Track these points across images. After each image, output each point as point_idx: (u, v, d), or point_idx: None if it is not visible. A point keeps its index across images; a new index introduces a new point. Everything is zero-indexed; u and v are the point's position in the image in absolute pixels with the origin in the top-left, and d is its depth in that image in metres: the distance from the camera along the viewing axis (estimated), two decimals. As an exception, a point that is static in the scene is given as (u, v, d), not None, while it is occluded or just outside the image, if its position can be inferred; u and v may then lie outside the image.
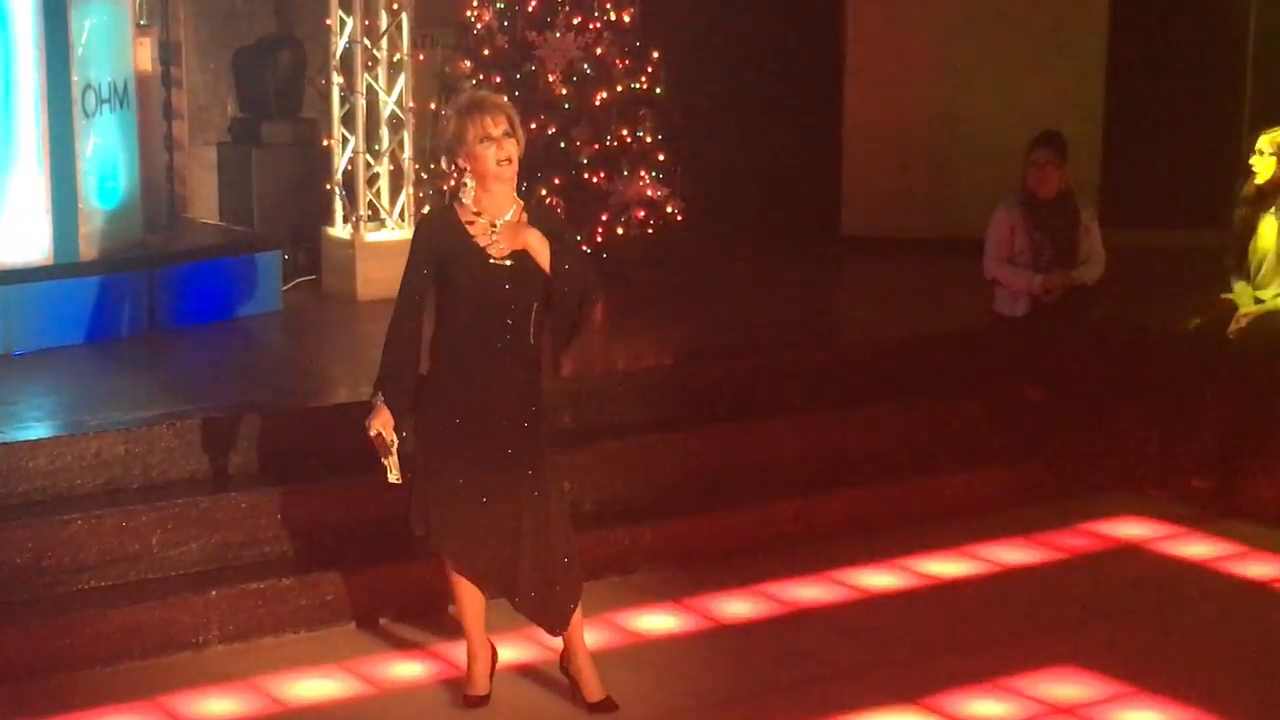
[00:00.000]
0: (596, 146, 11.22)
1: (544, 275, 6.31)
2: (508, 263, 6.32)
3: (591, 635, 6.77)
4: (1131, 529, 8.77)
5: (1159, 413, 9.36)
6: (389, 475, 6.38)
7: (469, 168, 6.33)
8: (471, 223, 6.34)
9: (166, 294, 10.00)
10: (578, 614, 6.54)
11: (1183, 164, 12.73)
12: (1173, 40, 12.87)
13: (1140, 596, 7.90)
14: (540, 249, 6.29)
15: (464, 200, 6.37)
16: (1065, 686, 6.89)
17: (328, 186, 11.19)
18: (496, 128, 6.28)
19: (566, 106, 11.16)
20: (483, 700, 6.64)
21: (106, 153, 10.04)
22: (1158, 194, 12.73)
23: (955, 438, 9.23)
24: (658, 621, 7.56)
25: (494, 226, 6.33)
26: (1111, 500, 9.09)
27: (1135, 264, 10.82)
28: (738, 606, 7.73)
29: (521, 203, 6.44)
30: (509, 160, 6.31)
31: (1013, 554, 8.44)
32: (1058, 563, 8.37)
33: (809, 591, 7.92)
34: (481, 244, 6.31)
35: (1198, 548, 8.51)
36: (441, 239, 6.36)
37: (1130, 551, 8.53)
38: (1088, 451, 9.35)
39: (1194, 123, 12.83)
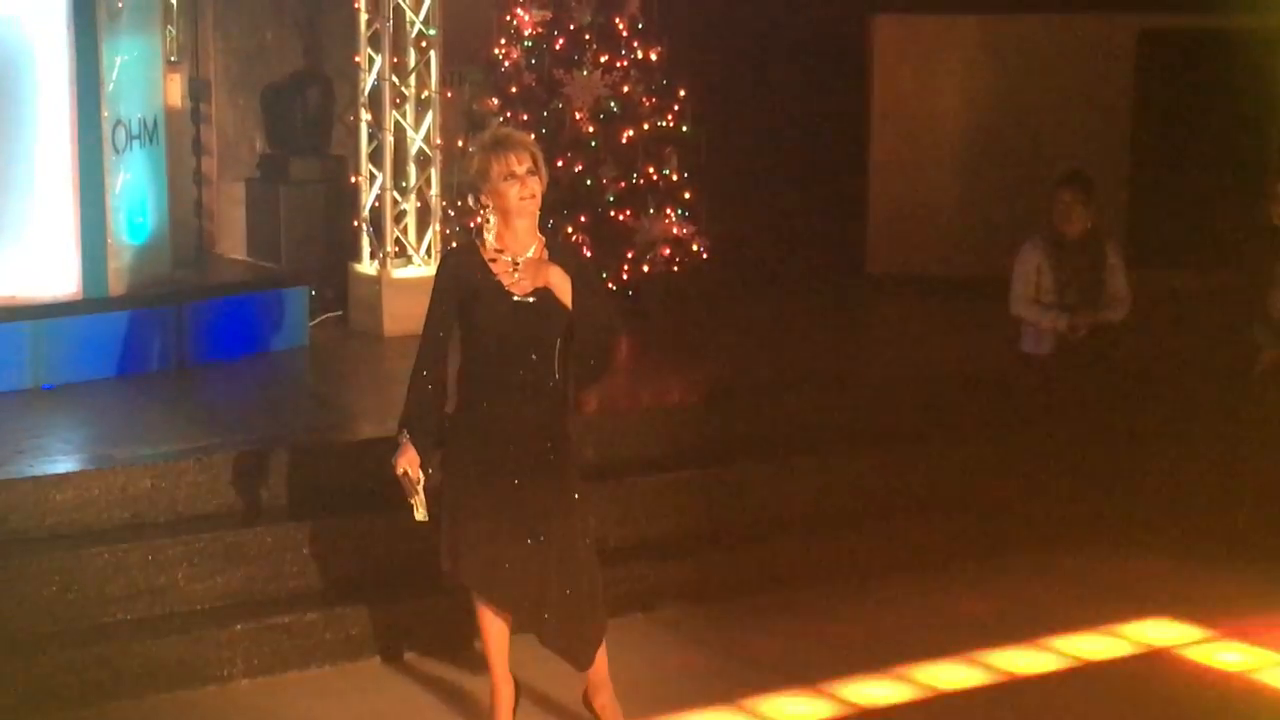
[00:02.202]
0: (623, 184, 11.26)
1: (567, 312, 6.32)
2: (530, 300, 6.33)
3: (615, 671, 6.77)
4: (1154, 566, 8.77)
5: (1184, 452, 9.35)
6: (415, 513, 6.39)
7: (492, 204, 6.34)
8: (494, 260, 6.35)
9: (194, 329, 10.04)
10: (602, 650, 6.55)
11: (1209, 203, 12.71)
12: (1199, 79, 12.88)
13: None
14: (562, 286, 6.30)
15: (487, 237, 6.38)
16: None
17: (355, 223, 11.24)
18: (520, 165, 6.29)
19: (593, 144, 11.20)
20: (506, 736, 6.65)
21: (136, 188, 10.09)
22: (1183, 233, 12.72)
23: (981, 477, 9.21)
24: (682, 657, 7.56)
25: (516, 264, 6.34)
26: (1135, 537, 9.07)
27: (1160, 303, 10.81)
28: (763, 643, 7.73)
29: (543, 239, 6.45)
30: (532, 197, 6.32)
31: (1036, 588, 8.43)
32: (1080, 602, 8.37)
33: (835, 628, 7.92)
34: (504, 281, 6.33)
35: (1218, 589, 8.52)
36: (464, 276, 6.37)
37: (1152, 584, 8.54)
38: (1111, 491, 9.32)
39: (1220, 162, 12.82)
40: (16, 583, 7.09)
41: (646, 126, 11.37)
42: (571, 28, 11.28)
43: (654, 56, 11.43)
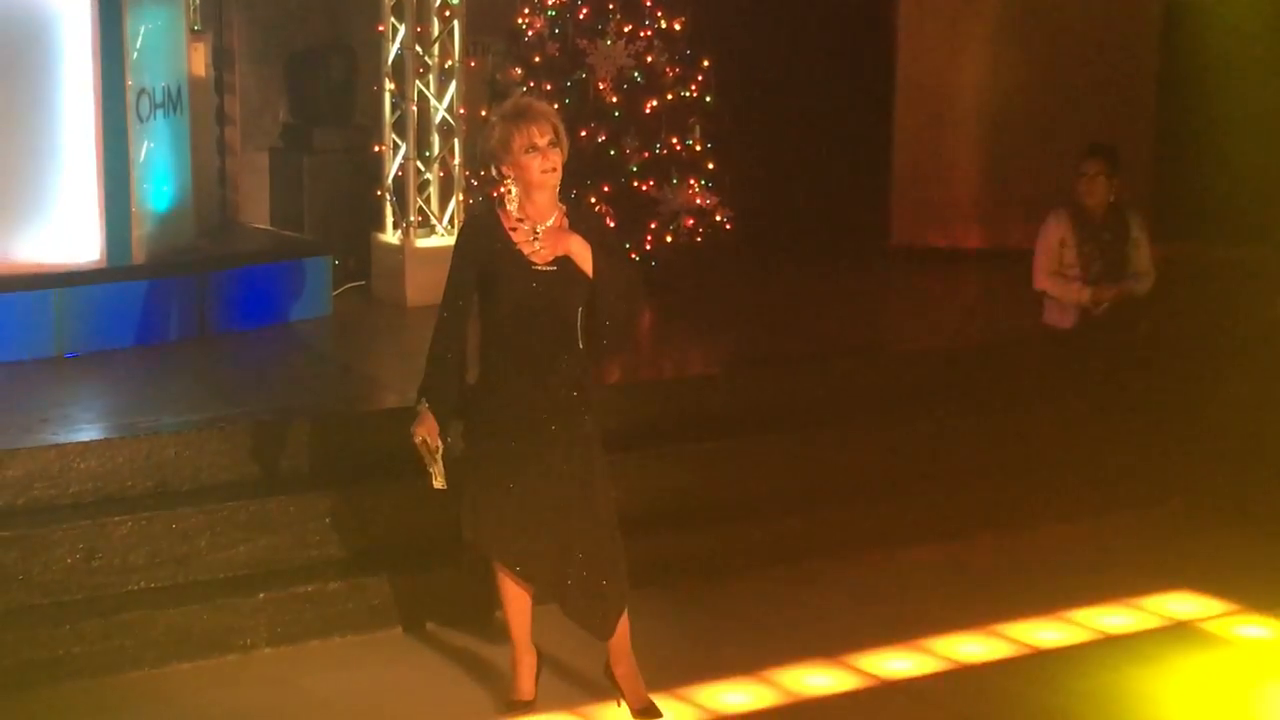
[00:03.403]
0: (646, 154, 11.24)
1: (588, 281, 6.31)
2: (551, 268, 6.32)
3: (637, 641, 6.78)
4: (1177, 544, 8.74)
5: (1207, 425, 9.33)
6: (434, 482, 6.40)
7: (513, 176, 6.33)
8: (514, 229, 6.34)
9: (217, 298, 10.06)
10: (624, 620, 6.56)
11: (1235, 176, 12.66)
12: (1226, 49, 12.81)
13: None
14: (583, 254, 6.29)
15: (507, 207, 6.38)
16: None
17: (378, 192, 11.24)
18: (542, 138, 6.27)
19: (616, 114, 11.18)
20: (527, 706, 6.66)
21: (159, 157, 10.11)
22: (1209, 206, 12.67)
23: (1003, 448, 9.21)
24: (704, 628, 7.57)
25: (536, 233, 6.33)
26: (1157, 514, 9.04)
27: (1185, 277, 10.77)
28: (785, 614, 7.73)
29: (564, 208, 6.45)
30: (554, 170, 6.31)
31: (1057, 567, 8.42)
32: (1101, 576, 8.36)
33: (857, 599, 7.92)
34: (525, 251, 6.32)
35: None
36: (484, 246, 6.37)
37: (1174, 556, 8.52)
38: (1135, 465, 9.30)
39: (1247, 134, 12.76)
40: (40, 550, 7.12)
41: (670, 96, 11.35)
42: (595, -3, 11.26)
43: (678, 26, 11.41)
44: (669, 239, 11.24)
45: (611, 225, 10.01)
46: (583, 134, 10.84)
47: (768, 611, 7.78)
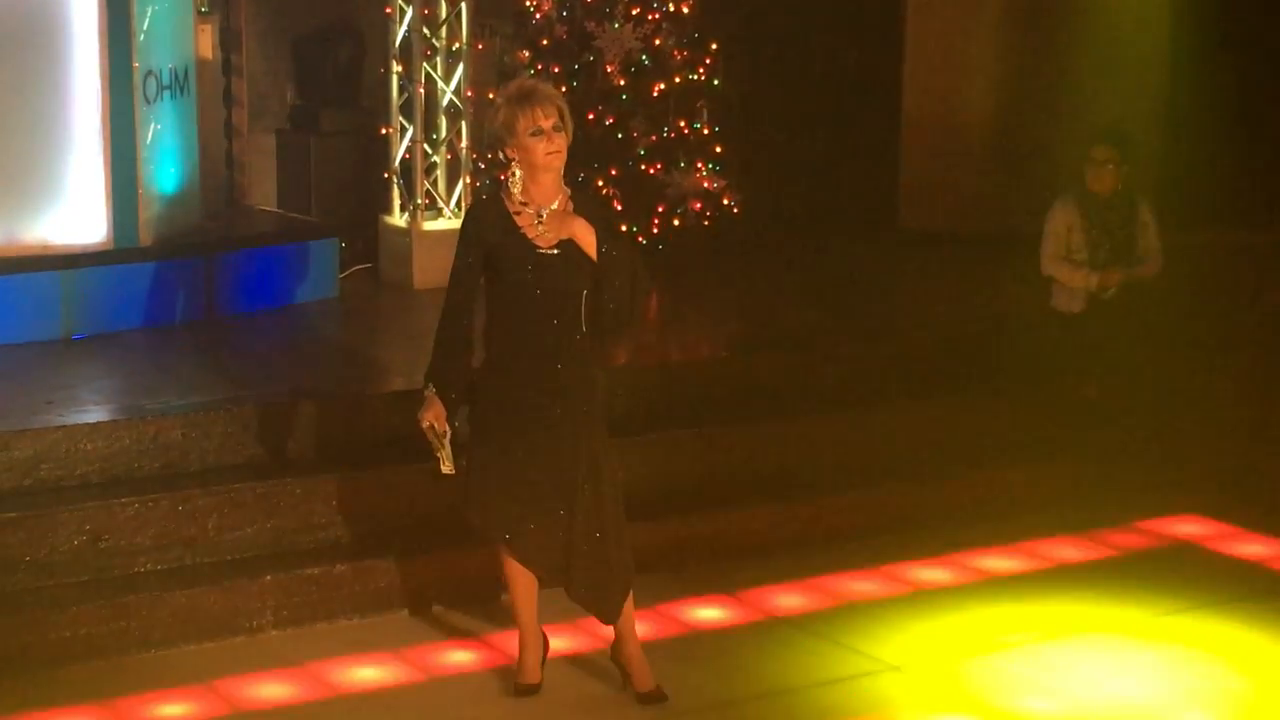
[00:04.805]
0: (654, 138, 11.24)
1: (592, 264, 6.31)
2: (555, 252, 6.32)
3: (642, 625, 6.78)
4: (1188, 528, 8.73)
5: (1215, 410, 9.32)
6: (441, 466, 6.41)
7: (517, 158, 6.33)
8: (519, 213, 6.34)
9: (224, 280, 10.05)
10: (629, 604, 6.56)
11: (1246, 160, 12.63)
12: (1237, 33, 12.78)
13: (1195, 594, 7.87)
14: (587, 237, 6.29)
15: (512, 190, 6.37)
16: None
17: (385, 175, 11.23)
18: (547, 121, 6.27)
19: (624, 97, 11.18)
20: (534, 689, 6.66)
21: (166, 139, 10.10)
22: (1219, 191, 12.65)
23: (1011, 434, 9.20)
24: (709, 613, 7.57)
25: (540, 216, 6.33)
26: (1168, 499, 9.03)
27: (1193, 262, 10.75)
28: (790, 599, 7.73)
29: (568, 191, 6.44)
30: (558, 153, 6.31)
31: (1067, 550, 8.41)
32: (1111, 559, 8.34)
33: (861, 585, 7.92)
34: (529, 234, 6.32)
35: (1255, 547, 8.47)
36: (489, 229, 6.36)
37: (1186, 549, 8.49)
38: (1144, 449, 9.29)
39: (1258, 118, 12.74)
40: (47, 531, 7.13)
41: (678, 80, 11.34)
42: (604, -20, 11.25)
43: (686, 9, 11.40)
44: (676, 223, 11.24)
45: (619, 208, 10.04)
46: (590, 117, 10.83)
47: (775, 595, 7.75)
